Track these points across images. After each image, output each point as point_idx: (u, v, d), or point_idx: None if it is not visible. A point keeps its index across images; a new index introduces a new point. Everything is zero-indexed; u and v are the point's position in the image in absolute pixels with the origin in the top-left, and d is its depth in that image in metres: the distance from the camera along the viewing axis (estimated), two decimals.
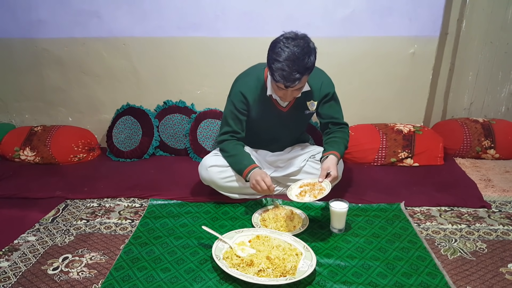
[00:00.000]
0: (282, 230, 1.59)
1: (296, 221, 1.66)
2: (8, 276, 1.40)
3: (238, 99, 1.76)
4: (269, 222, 1.64)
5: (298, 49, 1.45)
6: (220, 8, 2.39)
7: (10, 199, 1.99)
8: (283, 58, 1.45)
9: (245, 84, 1.76)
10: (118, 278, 1.37)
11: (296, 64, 1.45)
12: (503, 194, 1.95)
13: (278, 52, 1.46)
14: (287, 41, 1.47)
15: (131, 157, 2.55)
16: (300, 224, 1.65)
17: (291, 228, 1.61)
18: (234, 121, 1.78)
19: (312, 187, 1.59)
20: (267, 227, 1.62)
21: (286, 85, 1.50)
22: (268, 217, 1.67)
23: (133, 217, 1.82)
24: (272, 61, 1.49)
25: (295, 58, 1.44)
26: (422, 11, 2.33)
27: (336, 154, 1.67)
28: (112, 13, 2.45)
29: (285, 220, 1.64)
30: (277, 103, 1.78)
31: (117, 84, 2.65)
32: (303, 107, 1.79)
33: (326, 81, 1.77)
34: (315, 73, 1.75)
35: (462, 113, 2.71)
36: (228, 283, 1.33)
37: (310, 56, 1.48)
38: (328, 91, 1.77)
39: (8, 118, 2.84)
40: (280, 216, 1.67)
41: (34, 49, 2.59)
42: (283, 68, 1.45)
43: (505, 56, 2.53)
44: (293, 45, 1.45)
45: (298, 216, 1.70)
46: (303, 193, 1.58)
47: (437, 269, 1.38)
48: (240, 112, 1.77)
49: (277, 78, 1.49)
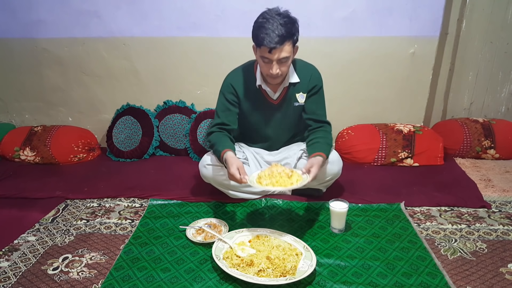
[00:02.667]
0: (276, 185, 1.49)
1: (294, 178, 1.53)
2: (8, 276, 1.40)
3: (228, 90, 1.80)
4: (264, 179, 1.53)
5: (281, 16, 1.52)
6: (220, 8, 2.39)
7: (10, 199, 1.99)
8: (266, 24, 1.51)
9: (234, 77, 1.81)
10: (118, 278, 1.37)
11: (279, 27, 1.50)
12: (503, 194, 1.95)
13: (262, 21, 1.53)
14: (270, 12, 1.55)
15: (131, 157, 2.55)
16: (298, 182, 1.51)
17: (288, 184, 1.50)
18: (225, 112, 1.80)
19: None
20: (262, 184, 1.51)
21: (270, 47, 1.51)
22: (264, 174, 1.56)
23: (133, 217, 1.82)
24: (256, 28, 1.55)
25: (278, 23, 1.50)
26: (422, 11, 2.33)
27: (323, 156, 1.64)
28: (112, 13, 2.45)
29: (281, 176, 1.53)
30: (267, 96, 1.80)
31: (117, 84, 2.65)
32: (293, 100, 1.81)
33: (315, 74, 1.80)
34: (305, 65, 1.81)
35: (462, 113, 2.71)
36: (228, 283, 1.33)
37: (293, 25, 1.54)
38: (316, 83, 1.79)
39: (8, 118, 2.84)
40: (276, 173, 1.55)
41: (34, 49, 2.60)
42: (266, 30, 1.50)
43: (505, 56, 2.53)
44: (276, 15, 1.53)
45: (297, 174, 1.56)
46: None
47: (437, 269, 1.38)
48: (230, 103, 1.79)
49: (260, 40, 1.52)
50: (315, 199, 1.89)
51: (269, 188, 1.49)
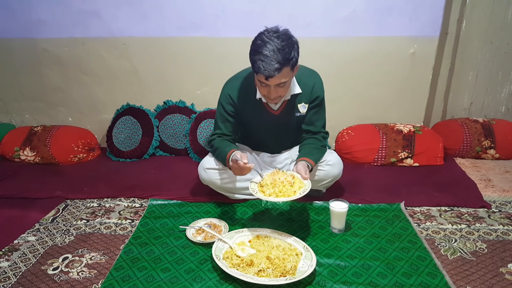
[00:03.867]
0: (280, 196, 1.49)
1: (296, 185, 1.53)
2: (8, 276, 1.40)
3: (226, 101, 1.75)
4: (267, 188, 1.52)
5: (279, 40, 1.44)
6: (220, 8, 2.39)
7: (10, 199, 2.00)
8: (263, 48, 1.43)
9: (233, 87, 1.74)
10: (118, 278, 1.37)
11: (276, 53, 1.42)
12: (503, 194, 1.95)
13: (259, 44, 1.45)
14: (268, 33, 1.46)
15: (131, 157, 2.55)
16: (301, 189, 1.51)
17: (291, 193, 1.49)
18: (224, 123, 1.77)
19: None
20: (265, 193, 1.51)
21: (266, 76, 1.45)
22: (265, 182, 1.55)
23: (133, 217, 1.82)
24: (253, 52, 1.47)
25: (275, 48, 1.42)
26: (422, 11, 2.33)
27: (308, 161, 1.63)
28: (112, 13, 2.45)
29: (284, 185, 1.52)
30: (268, 107, 1.75)
31: (117, 84, 2.65)
32: (295, 110, 1.76)
33: (317, 83, 1.74)
34: (307, 73, 1.73)
35: (462, 113, 2.71)
36: (228, 283, 1.33)
37: (292, 49, 1.46)
38: (318, 94, 1.74)
39: (8, 118, 2.84)
40: (279, 181, 1.54)
41: (34, 49, 2.60)
42: (263, 58, 1.43)
43: (505, 56, 2.53)
44: (274, 37, 1.44)
45: (299, 180, 1.56)
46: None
47: (437, 269, 1.38)
48: (229, 114, 1.75)
49: (256, 68, 1.46)
50: (315, 199, 1.89)
51: (272, 199, 1.47)
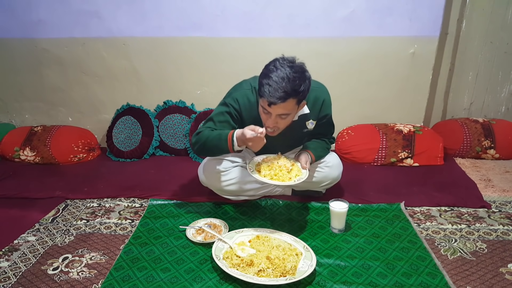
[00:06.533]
0: (275, 179, 1.49)
1: (294, 173, 1.53)
2: (8, 276, 1.40)
3: (234, 107, 1.63)
4: (263, 169, 1.53)
5: (292, 70, 1.39)
6: (220, 8, 2.39)
7: (10, 199, 1.99)
8: (274, 73, 1.39)
9: (243, 97, 1.63)
10: (118, 278, 1.37)
11: (285, 82, 1.37)
12: (503, 194, 1.95)
13: (271, 68, 1.41)
14: (283, 61, 1.41)
15: (131, 157, 2.55)
16: (297, 177, 1.52)
17: (286, 179, 1.50)
18: (222, 123, 1.62)
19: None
20: (260, 172, 1.51)
21: (269, 102, 1.40)
22: (264, 165, 1.54)
23: (133, 217, 1.82)
24: (263, 75, 1.43)
25: (285, 76, 1.37)
26: (422, 11, 2.33)
27: (310, 155, 1.65)
28: (112, 13, 2.45)
29: (281, 169, 1.52)
30: None
31: (117, 84, 2.65)
32: (303, 127, 1.69)
33: (326, 101, 1.68)
34: (315, 89, 1.63)
35: (462, 113, 2.71)
36: (228, 283, 1.33)
37: (302, 83, 1.40)
38: (327, 112, 1.70)
39: (8, 118, 2.84)
40: (276, 165, 1.54)
41: (34, 49, 2.59)
42: (271, 83, 1.38)
43: (505, 56, 2.53)
44: (288, 66, 1.39)
45: (297, 169, 1.56)
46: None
47: (437, 269, 1.38)
48: (233, 118, 1.63)
49: (262, 91, 1.41)
50: (315, 199, 1.89)
51: (266, 180, 1.48)
